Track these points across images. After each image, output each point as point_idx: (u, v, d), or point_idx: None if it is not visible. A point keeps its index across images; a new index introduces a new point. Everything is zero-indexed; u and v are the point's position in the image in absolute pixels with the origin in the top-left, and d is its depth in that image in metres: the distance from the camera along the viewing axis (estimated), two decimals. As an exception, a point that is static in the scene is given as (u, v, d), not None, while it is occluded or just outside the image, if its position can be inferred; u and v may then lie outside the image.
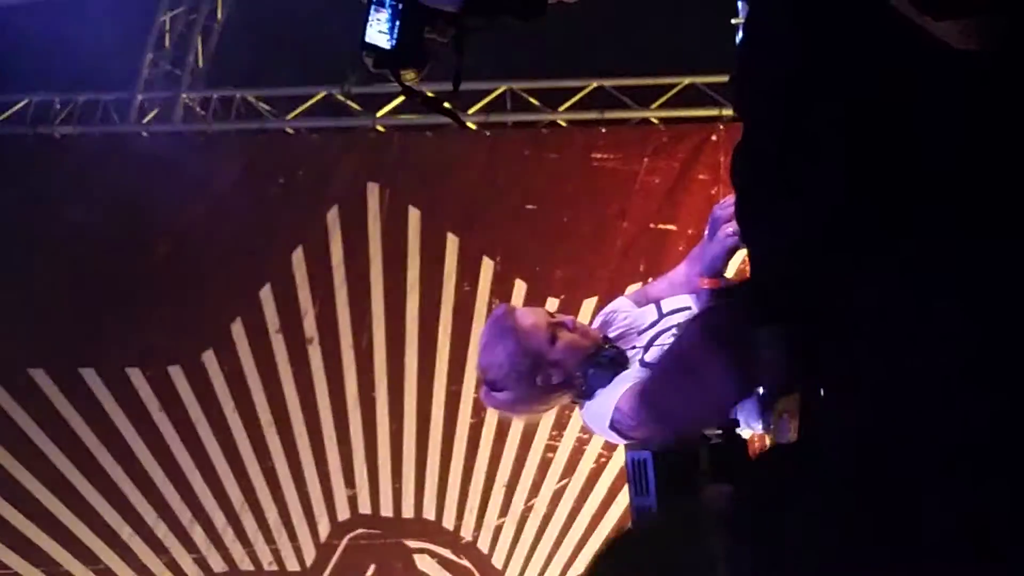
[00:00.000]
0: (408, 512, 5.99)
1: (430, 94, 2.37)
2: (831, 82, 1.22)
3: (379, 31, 2.15)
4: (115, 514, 5.98)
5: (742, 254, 3.72)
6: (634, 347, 3.30)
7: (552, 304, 5.50)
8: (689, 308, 3.26)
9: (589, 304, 5.55)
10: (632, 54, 5.85)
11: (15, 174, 6.23)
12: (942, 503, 1.11)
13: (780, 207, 1.26)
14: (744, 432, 2.87)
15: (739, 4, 4.18)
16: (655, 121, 6.12)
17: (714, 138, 5.90)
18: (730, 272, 3.37)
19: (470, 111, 6.15)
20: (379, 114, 6.23)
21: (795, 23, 1.26)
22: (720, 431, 2.66)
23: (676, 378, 1.54)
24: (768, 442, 3.02)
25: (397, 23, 2.13)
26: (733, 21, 4.17)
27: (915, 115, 1.16)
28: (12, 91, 6.36)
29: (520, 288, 5.88)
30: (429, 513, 5.98)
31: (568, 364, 3.26)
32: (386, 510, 5.99)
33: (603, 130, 6.09)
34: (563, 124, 6.19)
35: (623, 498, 5.38)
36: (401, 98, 6.18)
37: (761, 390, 1.47)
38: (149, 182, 6.07)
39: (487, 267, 5.94)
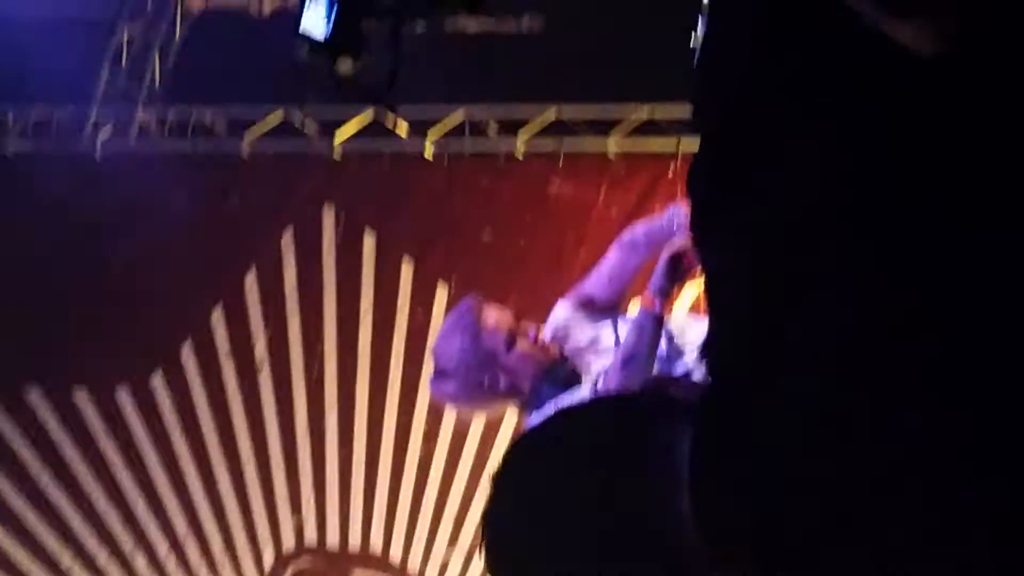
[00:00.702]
0: (355, 541, 5.89)
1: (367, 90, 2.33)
2: (799, 90, 1.18)
3: (315, 19, 2.10)
4: (54, 539, 5.85)
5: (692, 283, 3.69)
6: (589, 363, 3.31)
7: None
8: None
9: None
10: (592, 84, 5.83)
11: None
12: (931, 502, 1.07)
13: (742, 216, 1.21)
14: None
15: (697, 21, 4.13)
16: (612, 157, 6.05)
17: (670, 173, 5.84)
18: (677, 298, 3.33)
19: (428, 135, 6.08)
20: (336, 141, 6.16)
21: (761, 32, 1.22)
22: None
23: None
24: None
25: (334, 11, 2.08)
26: (691, 45, 4.13)
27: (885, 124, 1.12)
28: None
29: (474, 316, 5.82)
30: (376, 543, 5.88)
31: (519, 373, 3.25)
32: (332, 540, 5.88)
33: (560, 161, 6.04)
34: (520, 158, 6.11)
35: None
36: (359, 121, 6.12)
37: None
38: (102, 200, 6.00)
39: (441, 293, 5.88)
